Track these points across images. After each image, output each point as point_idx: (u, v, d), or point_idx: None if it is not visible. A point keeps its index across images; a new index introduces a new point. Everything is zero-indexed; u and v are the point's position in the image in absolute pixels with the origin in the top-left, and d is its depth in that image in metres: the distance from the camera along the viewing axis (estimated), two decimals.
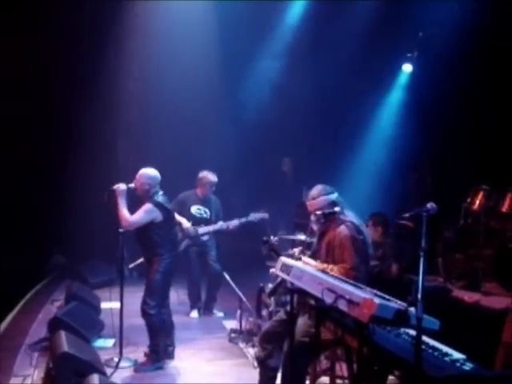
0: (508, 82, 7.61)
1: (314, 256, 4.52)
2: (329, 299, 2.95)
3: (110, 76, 9.50)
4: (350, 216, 4.37)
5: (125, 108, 10.15)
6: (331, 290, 2.94)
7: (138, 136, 10.36)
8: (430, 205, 3.13)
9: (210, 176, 7.56)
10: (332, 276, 3.40)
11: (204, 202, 7.64)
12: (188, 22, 9.11)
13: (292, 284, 3.44)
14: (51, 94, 9.26)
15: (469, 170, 7.41)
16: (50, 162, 9.67)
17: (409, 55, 9.58)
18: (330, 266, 4.07)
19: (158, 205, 5.59)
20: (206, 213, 7.64)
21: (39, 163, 9.54)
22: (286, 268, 3.56)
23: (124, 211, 5.54)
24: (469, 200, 6.79)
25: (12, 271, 9.20)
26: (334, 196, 4.42)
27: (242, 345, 6.31)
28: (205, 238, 7.59)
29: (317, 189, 4.49)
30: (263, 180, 10.35)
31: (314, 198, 4.44)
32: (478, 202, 6.72)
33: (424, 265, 2.78)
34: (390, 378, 3.10)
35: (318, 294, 3.06)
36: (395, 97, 10.08)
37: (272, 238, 4.98)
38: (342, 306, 2.84)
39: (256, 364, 4.78)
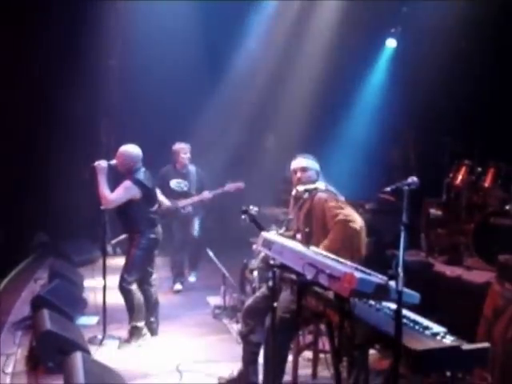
0: (492, 56, 7.59)
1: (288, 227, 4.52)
2: (310, 274, 2.94)
3: (91, 54, 9.35)
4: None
5: (106, 86, 10.02)
6: (312, 265, 2.93)
7: (121, 114, 10.24)
8: (411, 179, 3.11)
9: (178, 145, 7.56)
10: (313, 251, 3.40)
11: (182, 175, 7.65)
12: None
13: (273, 259, 3.43)
14: (33, 72, 9.12)
15: (452, 144, 7.41)
16: (32, 139, 9.56)
17: (392, 30, 9.55)
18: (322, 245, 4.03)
19: (137, 182, 5.54)
20: (186, 186, 7.65)
21: (21, 141, 9.41)
22: (268, 243, 3.56)
23: (104, 189, 5.49)
24: (451, 175, 6.81)
25: None
26: (318, 168, 4.42)
27: (225, 321, 6.34)
28: (187, 210, 7.60)
29: (307, 158, 4.44)
30: (245, 156, 10.33)
31: (305, 170, 4.40)
32: (460, 176, 6.75)
33: (405, 239, 2.77)
34: (372, 351, 3.11)
35: (299, 269, 3.05)
36: (379, 72, 10.04)
37: (251, 207, 4.94)
38: (323, 280, 2.84)
39: (239, 340, 4.79)
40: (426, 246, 6.66)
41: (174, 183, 7.62)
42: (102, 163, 5.57)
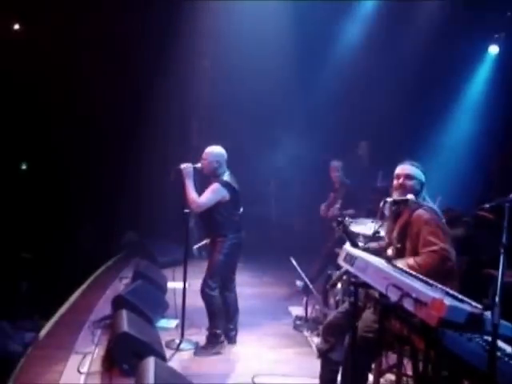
0: None
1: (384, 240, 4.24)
2: (394, 296, 2.68)
3: (184, 54, 9.40)
4: (429, 202, 4.04)
5: (199, 87, 10.06)
6: (397, 287, 2.66)
7: (213, 116, 10.26)
8: None
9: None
10: (400, 270, 3.11)
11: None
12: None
13: (355, 276, 3.18)
14: (128, 74, 9.30)
15: None
16: (125, 140, 9.77)
17: (496, 36, 9.01)
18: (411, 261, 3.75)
19: (225, 184, 5.45)
20: None
21: (115, 141, 9.64)
22: (350, 258, 3.31)
23: (192, 193, 5.41)
24: None
25: (87, 247, 9.43)
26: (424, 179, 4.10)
27: (306, 333, 6.11)
28: None
29: (414, 167, 4.08)
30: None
31: (410, 178, 4.04)
32: None
33: (504, 263, 2.46)
34: None
35: (383, 290, 2.79)
36: (481, 79, 9.49)
37: (347, 219, 4.73)
38: (408, 304, 2.56)
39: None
40: None
41: None
42: (188, 166, 5.50)
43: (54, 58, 9.09)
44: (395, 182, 4.11)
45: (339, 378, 4.23)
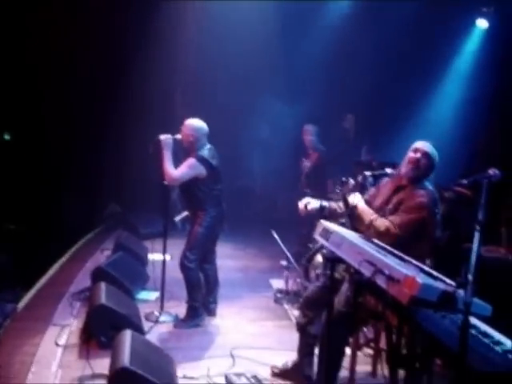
0: None
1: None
2: (367, 272, 2.65)
3: (168, 26, 9.23)
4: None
5: (183, 59, 9.89)
6: (370, 262, 2.63)
7: (196, 88, 10.12)
8: (492, 171, 2.76)
9: None
10: (375, 244, 3.08)
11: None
12: None
13: (331, 251, 3.14)
14: (110, 45, 9.13)
15: None
16: (107, 112, 9.63)
17: (484, 10, 8.89)
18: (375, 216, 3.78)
19: (201, 160, 5.35)
20: None
21: (98, 114, 9.50)
22: (326, 233, 3.27)
23: (168, 165, 5.33)
24: None
25: (70, 219, 9.36)
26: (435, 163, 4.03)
27: (286, 306, 6.13)
28: None
29: (433, 149, 4.03)
30: (324, 137, 9.99)
31: (428, 157, 3.97)
32: None
33: (479, 240, 2.43)
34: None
35: (356, 265, 2.76)
36: (468, 53, 9.40)
37: (351, 180, 4.66)
38: (381, 281, 2.53)
39: None
40: (507, 241, 6.16)
41: None
42: (167, 137, 5.42)
43: (35, 30, 8.90)
44: (411, 154, 3.99)
45: (316, 350, 4.26)
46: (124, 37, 9.16)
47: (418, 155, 3.97)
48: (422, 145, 4.02)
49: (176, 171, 5.33)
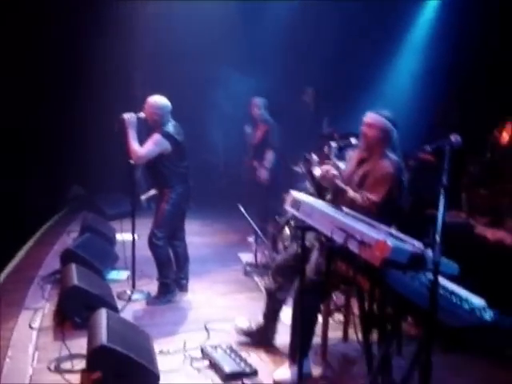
0: None
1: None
2: (339, 238, 2.74)
3: (124, 4, 9.11)
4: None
5: (140, 37, 9.77)
6: (342, 229, 2.72)
7: (156, 65, 10.02)
8: (453, 137, 2.88)
9: None
10: (345, 212, 3.18)
11: None
12: None
13: (302, 221, 3.23)
14: (64, 23, 8.95)
15: (496, 103, 7.00)
16: (67, 92, 9.47)
17: None
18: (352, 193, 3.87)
19: (167, 135, 5.35)
20: None
21: (57, 96, 9.34)
22: (296, 203, 3.35)
23: (133, 143, 5.32)
24: (496, 133, 6.45)
25: (32, 203, 9.22)
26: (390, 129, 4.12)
27: (257, 278, 6.22)
28: None
29: (379, 115, 4.11)
30: (284, 111, 10.04)
31: (370, 126, 4.08)
32: (506, 135, 6.37)
33: (444, 203, 2.54)
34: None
35: (328, 233, 2.85)
36: (423, 26, 9.53)
37: (314, 157, 4.76)
38: (353, 246, 2.63)
39: None
40: (467, 206, 6.36)
41: None
42: (131, 116, 5.40)
43: None
44: (361, 127, 4.14)
45: (282, 316, 4.45)
46: (81, 20, 8.99)
47: (365, 127, 4.10)
48: (368, 117, 4.13)
49: (142, 149, 5.33)
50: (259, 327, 4.53)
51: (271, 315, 4.47)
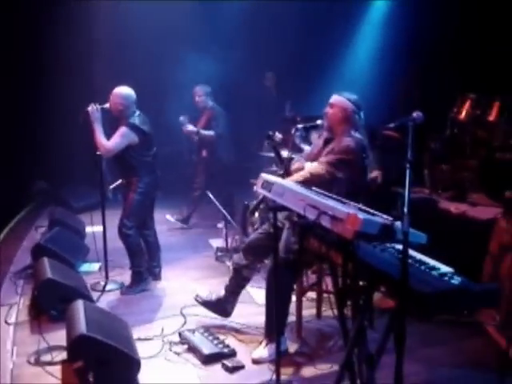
0: None
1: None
2: (311, 215, 2.83)
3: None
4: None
5: (101, 27, 9.66)
6: (313, 206, 2.82)
7: (117, 56, 9.93)
8: (416, 114, 2.98)
9: None
10: (315, 192, 3.28)
11: None
12: None
13: (274, 201, 3.32)
14: (24, 13, 8.80)
15: (456, 79, 7.17)
16: (27, 85, 9.32)
17: None
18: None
19: (133, 127, 5.38)
20: None
21: (17, 87, 9.18)
22: (267, 185, 3.43)
23: (100, 136, 5.34)
24: (455, 109, 6.61)
25: None
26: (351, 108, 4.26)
27: (228, 263, 6.28)
28: None
29: (340, 95, 4.29)
30: (246, 96, 10.08)
31: (331, 106, 4.27)
32: (464, 111, 6.53)
33: (410, 177, 2.64)
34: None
35: (301, 211, 2.94)
36: (379, 8, 9.66)
37: (277, 134, 4.85)
38: (325, 222, 2.73)
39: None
40: (430, 182, 6.53)
41: None
42: (95, 108, 5.40)
43: None
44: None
45: (254, 295, 4.57)
46: (39, 8, 8.85)
47: (328, 107, 4.30)
48: (331, 98, 4.32)
49: (109, 142, 5.35)
50: (218, 298, 4.67)
51: (234, 289, 4.62)
